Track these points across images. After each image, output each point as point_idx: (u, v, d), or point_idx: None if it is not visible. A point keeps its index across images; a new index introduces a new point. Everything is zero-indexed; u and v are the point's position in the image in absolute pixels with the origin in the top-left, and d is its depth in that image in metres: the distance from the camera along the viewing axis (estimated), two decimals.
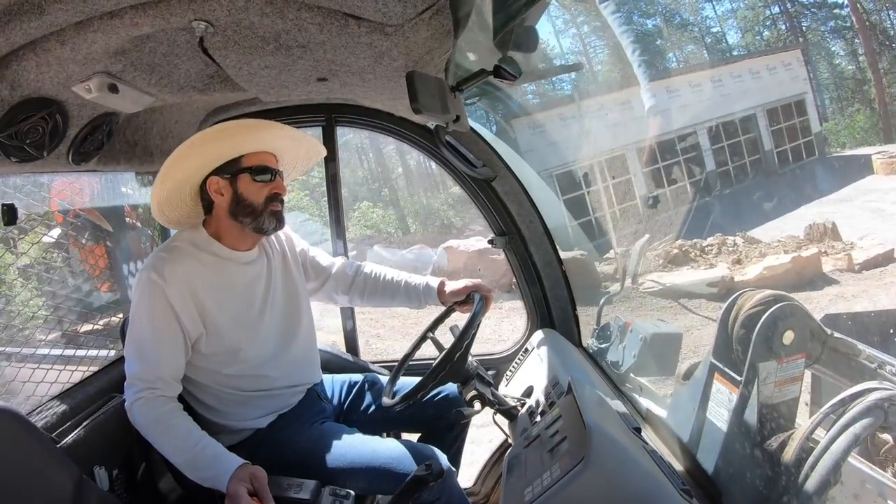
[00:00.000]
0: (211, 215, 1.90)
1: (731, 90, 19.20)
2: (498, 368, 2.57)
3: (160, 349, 1.76)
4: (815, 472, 1.25)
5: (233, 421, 1.93)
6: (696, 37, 23.09)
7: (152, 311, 1.77)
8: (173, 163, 1.81)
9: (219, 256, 1.89)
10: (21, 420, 1.50)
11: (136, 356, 1.78)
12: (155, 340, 1.76)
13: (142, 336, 1.78)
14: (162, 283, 1.75)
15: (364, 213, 19.00)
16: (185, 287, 1.79)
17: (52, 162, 1.73)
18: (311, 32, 1.33)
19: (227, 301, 1.87)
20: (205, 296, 1.82)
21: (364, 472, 1.83)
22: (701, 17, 23.37)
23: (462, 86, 1.69)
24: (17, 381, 2.25)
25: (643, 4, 22.73)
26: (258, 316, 1.94)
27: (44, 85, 1.47)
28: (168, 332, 1.78)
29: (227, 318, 1.86)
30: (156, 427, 1.70)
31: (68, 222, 3.05)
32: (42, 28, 1.26)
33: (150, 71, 1.60)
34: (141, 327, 1.78)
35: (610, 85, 20.28)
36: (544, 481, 1.40)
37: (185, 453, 1.66)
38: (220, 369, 1.88)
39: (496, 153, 2.44)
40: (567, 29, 23.32)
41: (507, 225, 2.55)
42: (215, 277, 1.86)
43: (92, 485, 1.59)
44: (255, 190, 1.85)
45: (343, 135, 4.45)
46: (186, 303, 1.78)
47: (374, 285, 2.24)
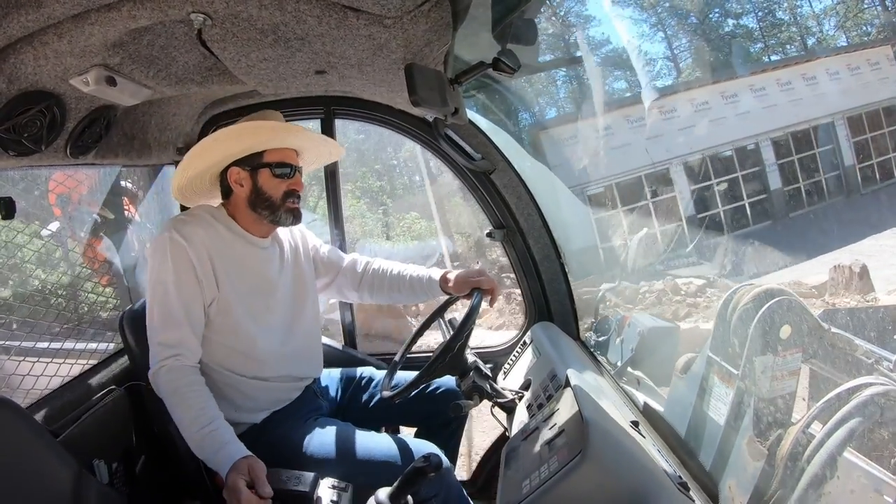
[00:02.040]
0: (229, 201, 1.93)
1: (803, 95, 16.10)
2: (496, 361, 2.57)
3: (187, 311, 1.77)
4: (811, 466, 1.26)
5: (229, 410, 1.93)
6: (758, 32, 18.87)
7: (177, 271, 1.77)
8: (196, 154, 1.84)
9: (235, 233, 1.91)
10: (20, 413, 1.49)
11: (160, 321, 1.77)
12: (180, 302, 1.76)
13: (166, 299, 1.77)
14: (185, 242, 1.76)
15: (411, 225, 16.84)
16: (204, 247, 1.80)
17: (50, 155, 1.72)
18: (309, 24, 1.33)
19: (238, 276, 1.88)
20: (219, 264, 1.83)
21: (361, 467, 1.83)
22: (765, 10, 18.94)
23: (461, 78, 1.69)
24: (16, 375, 2.25)
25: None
26: (265, 299, 1.94)
27: (41, 78, 1.46)
28: (192, 292, 1.78)
29: (235, 293, 1.86)
30: (174, 398, 1.70)
31: (67, 214, 3.05)
32: (40, 21, 1.26)
33: (147, 64, 1.60)
34: (164, 290, 1.77)
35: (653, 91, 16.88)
36: (542, 474, 1.40)
37: (195, 431, 1.65)
38: (221, 343, 1.88)
39: (494, 146, 2.44)
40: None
41: (505, 218, 2.54)
42: (229, 250, 1.87)
43: (91, 478, 1.59)
44: (275, 185, 1.88)
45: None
46: (205, 265, 1.80)
47: (381, 281, 2.24)
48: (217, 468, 1.59)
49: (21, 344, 2.45)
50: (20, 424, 1.46)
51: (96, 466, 1.74)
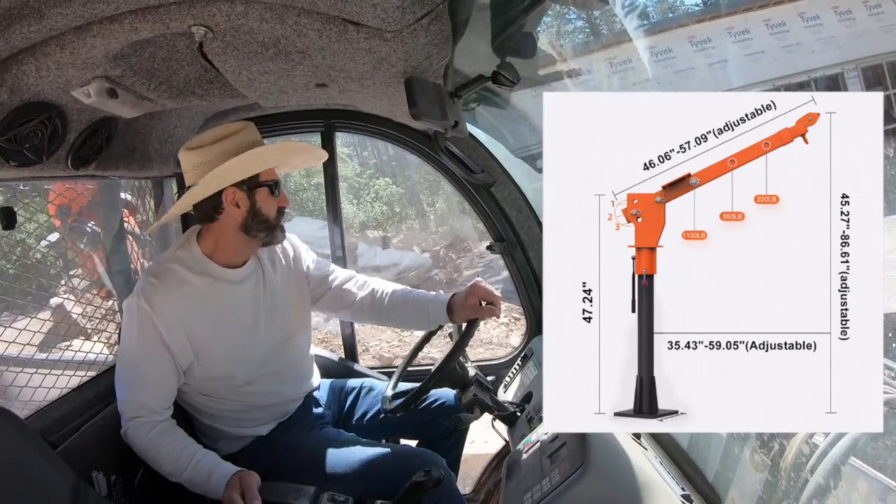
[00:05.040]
0: (211, 225, 1.86)
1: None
2: (497, 374, 2.56)
3: (147, 379, 1.76)
4: (815, 476, 1.25)
5: (232, 428, 1.94)
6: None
7: (141, 339, 1.77)
8: (198, 192, 1.80)
9: (211, 277, 1.87)
10: (17, 423, 1.49)
11: (123, 381, 1.78)
12: (142, 370, 1.76)
13: (129, 362, 1.78)
14: (151, 311, 1.75)
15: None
16: (175, 316, 1.77)
17: (51, 166, 1.72)
18: (310, 38, 1.33)
19: (219, 326, 1.86)
20: (195, 324, 1.81)
21: (363, 477, 1.83)
22: None
23: (460, 91, 1.70)
24: (14, 386, 2.24)
25: None
26: (250, 335, 1.92)
27: (43, 89, 1.47)
28: (156, 361, 1.77)
29: (218, 345, 1.85)
30: (150, 452, 1.72)
31: (67, 226, 3.05)
32: (42, 32, 1.26)
33: (149, 76, 1.60)
34: (129, 354, 1.79)
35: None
36: (543, 487, 1.40)
37: (181, 474, 1.67)
38: (214, 388, 1.89)
39: (495, 159, 2.45)
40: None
41: (505, 231, 2.55)
42: (207, 301, 1.84)
43: (89, 490, 1.58)
44: (271, 204, 1.86)
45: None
46: (176, 333, 1.78)
47: (379, 304, 2.14)
48: (216, 495, 1.60)
49: (19, 355, 2.44)
50: (18, 435, 1.45)
51: (95, 478, 1.74)
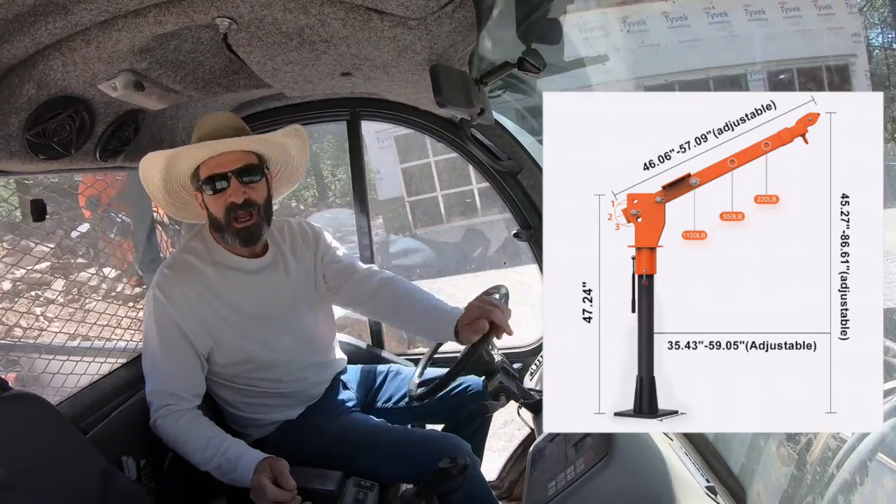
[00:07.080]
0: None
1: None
2: (523, 361, 2.56)
3: (170, 367, 1.78)
4: (842, 471, 1.23)
5: (260, 414, 1.96)
6: None
7: (159, 329, 1.79)
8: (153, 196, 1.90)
9: (225, 266, 1.87)
10: (48, 409, 1.53)
11: (149, 373, 1.81)
12: (165, 359, 1.78)
13: (152, 354, 1.81)
14: (166, 301, 1.77)
15: None
16: (189, 305, 1.79)
17: (79, 159, 1.75)
18: (334, 27, 1.33)
19: (235, 314, 1.86)
20: (211, 312, 1.82)
21: (389, 461, 1.84)
22: None
23: (486, 78, 1.68)
24: (46, 373, 2.29)
25: None
26: (271, 322, 1.93)
27: (70, 84, 1.48)
28: (177, 350, 1.79)
29: (235, 332, 1.86)
30: (178, 442, 1.73)
31: (97, 216, 3.10)
32: (67, 28, 1.28)
33: (174, 68, 1.61)
34: (151, 345, 1.81)
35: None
36: (568, 476, 1.40)
37: (209, 462, 1.69)
38: (238, 375, 1.90)
39: (521, 146, 2.42)
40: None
41: (532, 218, 2.53)
42: (222, 290, 1.85)
43: (118, 474, 1.62)
44: (215, 203, 1.78)
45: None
46: (191, 321, 1.79)
47: (395, 307, 2.03)
48: (244, 483, 1.61)
49: (52, 342, 2.49)
50: (50, 421, 1.49)
51: (125, 463, 1.77)
